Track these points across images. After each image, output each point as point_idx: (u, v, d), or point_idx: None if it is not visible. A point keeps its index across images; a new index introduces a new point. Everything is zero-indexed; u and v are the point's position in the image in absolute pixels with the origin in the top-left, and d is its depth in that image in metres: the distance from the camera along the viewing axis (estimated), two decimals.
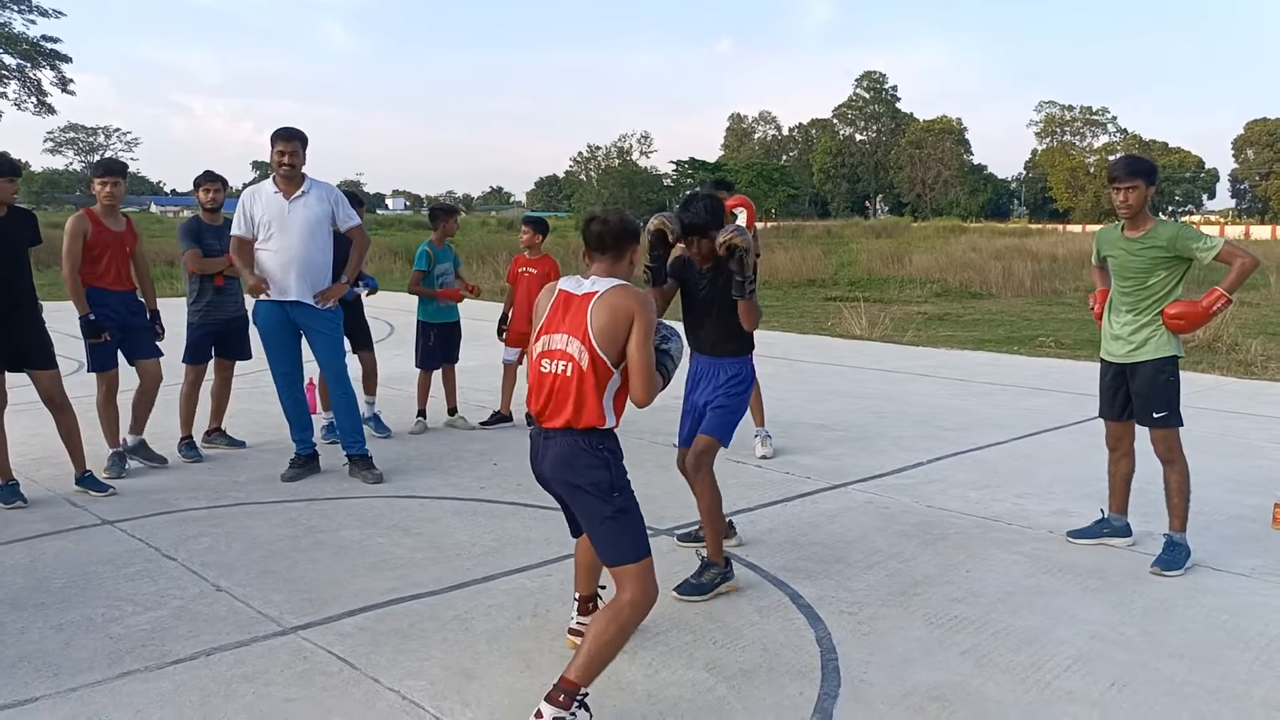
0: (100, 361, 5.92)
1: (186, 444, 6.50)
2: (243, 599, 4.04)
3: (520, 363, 7.56)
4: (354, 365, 7.15)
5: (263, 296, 5.78)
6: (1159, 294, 4.46)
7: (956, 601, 4.09)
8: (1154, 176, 4.42)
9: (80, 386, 7.10)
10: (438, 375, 7.53)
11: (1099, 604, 4.07)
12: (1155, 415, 4.51)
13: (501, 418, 7.55)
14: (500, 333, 7.60)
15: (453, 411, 7.53)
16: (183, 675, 3.36)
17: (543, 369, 3.07)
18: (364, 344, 7.32)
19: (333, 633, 3.71)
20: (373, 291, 7.36)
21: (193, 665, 3.43)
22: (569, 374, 3.00)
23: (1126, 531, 4.81)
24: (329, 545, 4.74)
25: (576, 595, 3.65)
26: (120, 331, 5.95)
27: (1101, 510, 4.93)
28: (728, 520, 4.76)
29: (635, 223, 3.23)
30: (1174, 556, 4.45)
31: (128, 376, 6.06)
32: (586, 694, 2.92)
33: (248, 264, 5.85)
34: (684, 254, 4.37)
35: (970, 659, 3.54)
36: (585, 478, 3.02)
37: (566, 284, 3.15)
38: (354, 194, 6.66)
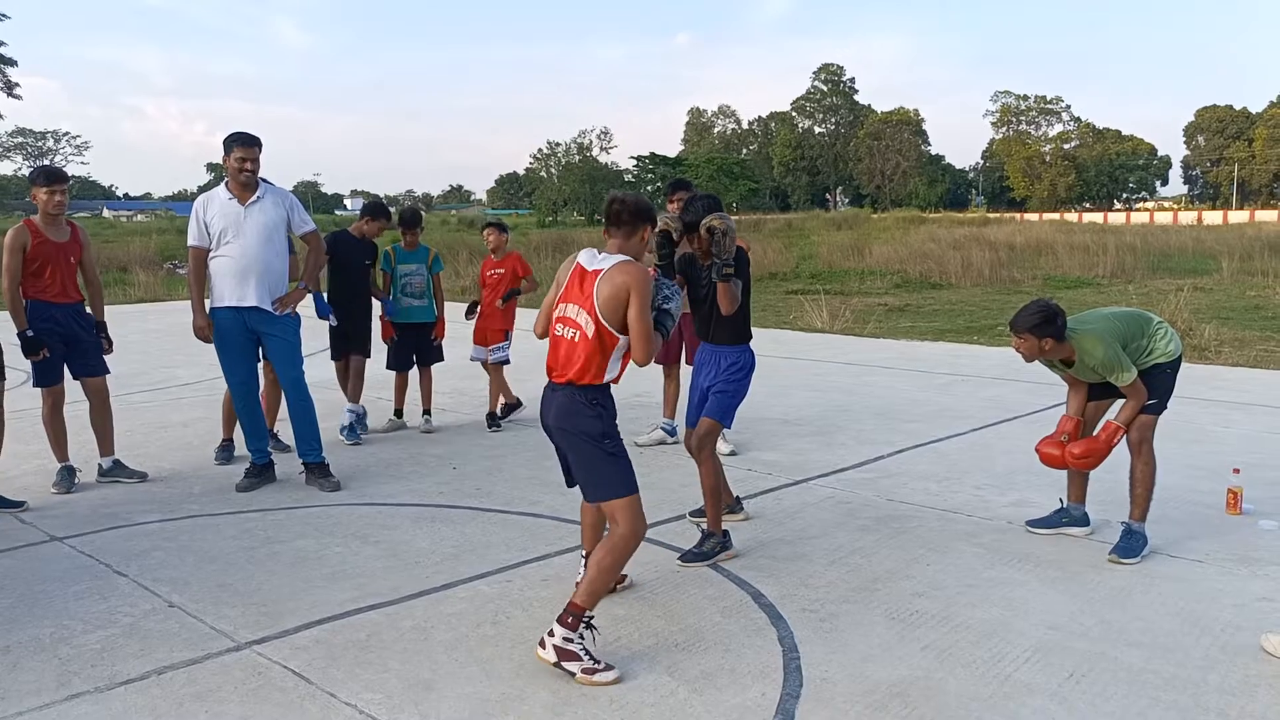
0: (44, 377, 5.73)
1: (268, 443, 6.24)
2: (195, 614, 3.96)
3: (488, 360, 7.62)
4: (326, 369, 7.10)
5: (202, 339, 5.81)
6: (1132, 361, 4.45)
7: (917, 596, 4.10)
8: (1044, 330, 4.38)
9: (26, 399, 6.93)
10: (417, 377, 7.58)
11: (1058, 594, 4.10)
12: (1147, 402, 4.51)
13: (511, 407, 7.68)
14: (468, 314, 7.79)
15: (426, 413, 7.52)
16: (133, 696, 3.28)
17: (557, 332, 3.54)
18: (361, 349, 7.23)
19: (288, 646, 3.65)
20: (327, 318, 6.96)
21: (143, 685, 3.35)
22: (576, 340, 3.46)
23: (1085, 521, 4.86)
24: (285, 556, 4.66)
25: (584, 553, 3.99)
26: (65, 345, 5.75)
27: (1060, 500, 4.97)
28: (736, 497, 5.16)
29: (650, 204, 3.66)
30: (1131, 544, 4.49)
31: (75, 388, 5.90)
32: (592, 616, 3.40)
33: (203, 285, 5.75)
34: (688, 251, 4.68)
35: (931, 653, 3.55)
36: (581, 426, 3.47)
37: (583, 258, 3.56)
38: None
